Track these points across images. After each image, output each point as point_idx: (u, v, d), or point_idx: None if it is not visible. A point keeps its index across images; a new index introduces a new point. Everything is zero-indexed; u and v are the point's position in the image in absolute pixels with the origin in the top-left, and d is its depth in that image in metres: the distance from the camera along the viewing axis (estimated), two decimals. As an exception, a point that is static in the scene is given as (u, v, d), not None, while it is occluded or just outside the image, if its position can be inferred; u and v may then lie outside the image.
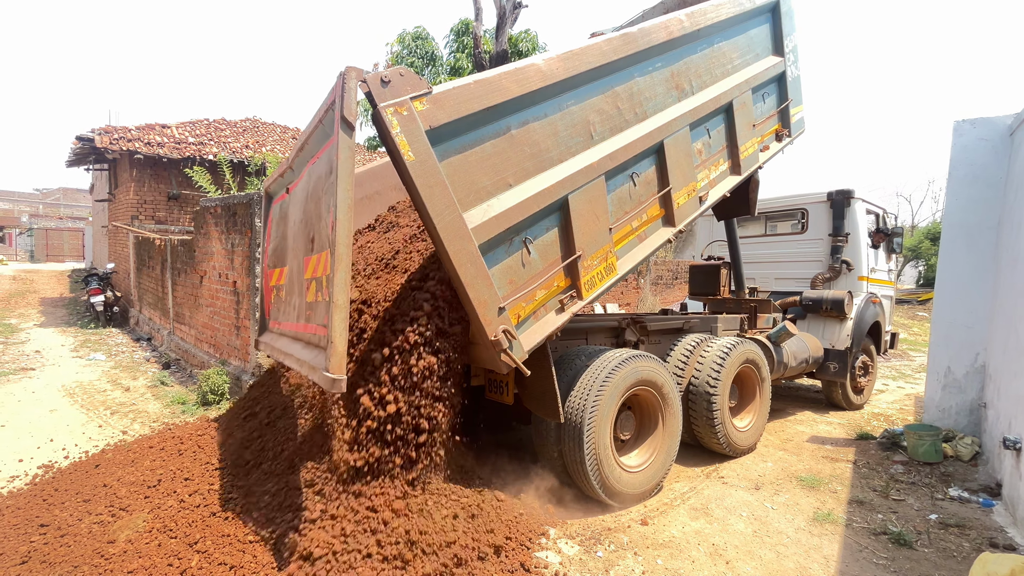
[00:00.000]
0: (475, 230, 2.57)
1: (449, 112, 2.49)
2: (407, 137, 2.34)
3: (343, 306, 2.27)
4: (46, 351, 8.33)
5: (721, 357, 4.23)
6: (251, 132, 15.50)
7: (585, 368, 3.33)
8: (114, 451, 4.04)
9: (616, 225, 3.34)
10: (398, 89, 2.34)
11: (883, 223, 6.94)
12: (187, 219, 12.78)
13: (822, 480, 4.12)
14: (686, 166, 3.87)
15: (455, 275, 2.54)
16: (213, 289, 6.52)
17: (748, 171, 4.59)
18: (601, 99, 3.24)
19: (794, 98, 5.13)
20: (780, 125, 5.08)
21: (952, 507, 3.73)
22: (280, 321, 3.56)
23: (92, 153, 12.81)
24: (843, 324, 6.01)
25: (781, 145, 5.06)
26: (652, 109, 3.59)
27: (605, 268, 3.25)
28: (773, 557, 2.99)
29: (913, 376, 8.82)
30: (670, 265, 14.14)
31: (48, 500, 3.26)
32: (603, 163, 3.18)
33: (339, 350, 2.26)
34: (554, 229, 3.02)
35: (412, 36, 11.34)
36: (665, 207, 3.75)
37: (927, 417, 5.24)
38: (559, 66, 2.92)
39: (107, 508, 3.10)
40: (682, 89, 3.84)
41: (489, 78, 2.64)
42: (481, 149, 2.66)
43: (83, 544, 2.73)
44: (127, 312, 11.70)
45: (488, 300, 2.62)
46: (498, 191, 2.73)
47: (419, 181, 2.38)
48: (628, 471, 3.43)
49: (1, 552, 2.72)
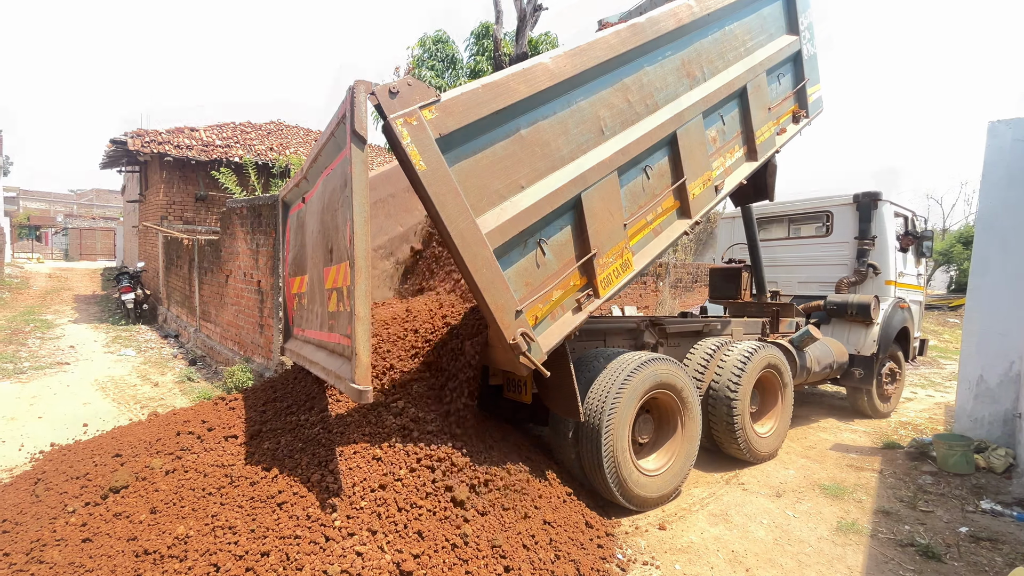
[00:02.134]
0: (489, 235, 2.58)
1: (458, 119, 2.49)
2: (418, 147, 2.35)
3: (365, 318, 2.31)
4: (80, 346, 8.64)
5: (742, 361, 4.17)
6: (275, 135, 15.84)
7: (604, 370, 3.32)
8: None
9: (630, 220, 3.30)
10: (407, 99, 2.35)
11: (912, 226, 6.75)
12: (214, 219, 13.12)
13: (846, 489, 4.02)
14: (700, 155, 3.78)
15: (471, 281, 2.55)
16: (238, 288, 6.68)
17: (765, 156, 4.46)
18: (611, 93, 3.19)
19: (811, 77, 4.96)
20: (797, 106, 4.91)
21: (984, 520, 3.60)
22: (304, 328, 3.63)
23: (124, 155, 13.26)
24: (869, 329, 5.86)
25: (799, 127, 4.90)
26: (663, 99, 3.52)
27: (621, 265, 3.22)
28: (794, 566, 2.94)
29: (943, 384, 8.54)
30: (689, 268, 13.96)
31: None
32: (615, 159, 3.14)
33: (363, 362, 2.30)
34: (568, 228, 3.01)
35: (433, 40, 11.44)
36: (680, 199, 3.68)
37: (958, 427, 5.08)
38: (567, 63, 2.89)
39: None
40: (694, 77, 3.75)
41: (497, 81, 2.64)
42: (492, 153, 2.66)
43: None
44: (156, 309, 12.06)
45: (505, 304, 2.63)
46: (511, 194, 2.73)
47: (431, 190, 2.39)
48: (646, 475, 3.41)
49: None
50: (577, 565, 2.61)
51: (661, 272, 12.84)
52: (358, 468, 2.60)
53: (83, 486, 2.95)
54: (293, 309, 4.08)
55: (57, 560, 2.31)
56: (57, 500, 2.85)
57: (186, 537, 2.35)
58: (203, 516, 2.49)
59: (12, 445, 4.30)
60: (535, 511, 2.82)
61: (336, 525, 2.31)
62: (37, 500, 2.89)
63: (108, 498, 2.76)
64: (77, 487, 2.95)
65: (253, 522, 2.39)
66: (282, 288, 4.63)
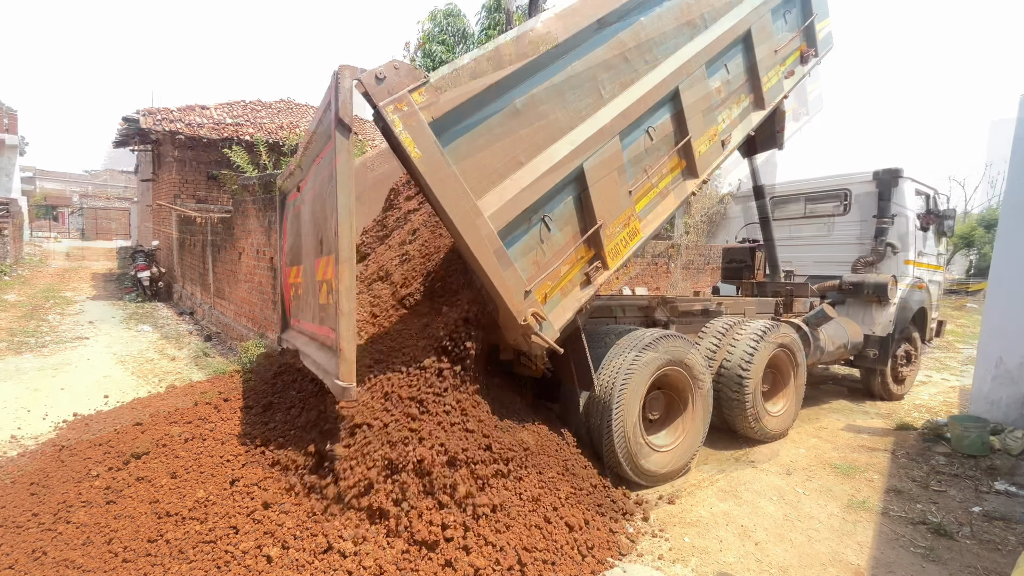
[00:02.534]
0: (492, 217, 2.50)
1: (451, 99, 2.38)
2: (411, 134, 2.25)
3: (349, 313, 2.24)
4: (98, 322, 8.82)
5: (755, 340, 4.13)
6: (286, 113, 15.76)
7: (616, 345, 3.31)
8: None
9: (635, 186, 3.20)
10: (395, 84, 2.24)
11: (934, 204, 6.57)
12: (226, 198, 13.18)
13: (858, 468, 4.01)
14: (705, 109, 3.60)
15: (477, 265, 2.49)
16: (251, 265, 6.74)
17: (773, 103, 4.24)
18: (607, 51, 3.00)
19: (819, 12, 4.65)
20: (805, 45, 4.61)
21: (997, 500, 3.58)
22: (299, 319, 3.61)
23: (137, 134, 13.30)
24: (885, 309, 5.77)
25: (808, 67, 4.62)
26: (663, 53, 3.31)
27: (628, 233, 3.15)
28: (804, 540, 2.95)
29: (958, 369, 8.42)
30: (701, 250, 13.78)
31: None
32: (616, 123, 3.00)
33: (348, 358, 2.24)
34: (572, 201, 2.92)
35: (444, 13, 11.25)
36: (686, 158, 3.53)
37: (974, 409, 5.01)
38: (558, 26, 2.73)
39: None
40: (694, 24, 3.51)
41: (486, 54, 2.51)
42: (488, 130, 2.56)
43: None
44: (171, 287, 12.24)
45: (514, 286, 2.57)
46: (510, 171, 2.64)
47: (429, 177, 2.31)
48: (656, 450, 3.42)
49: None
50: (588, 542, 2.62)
51: (673, 254, 12.69)
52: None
53: (106, 452, 3.05)
54: (290, 299, 4.01)
55: (84, 520, 2.39)
56: (81, 465, 2.94)
57: (206, 500, 2.41)
58: (222, 481, 2.56)
59: (37, 414, 4.43)
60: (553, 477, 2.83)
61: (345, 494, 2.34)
62: (62, 464, 2.99)
63: (130, 464, 2.85)
64: (100, 453, 3.04)
65: (268, 489, 2.45)
66: (279, 279, 4.61)
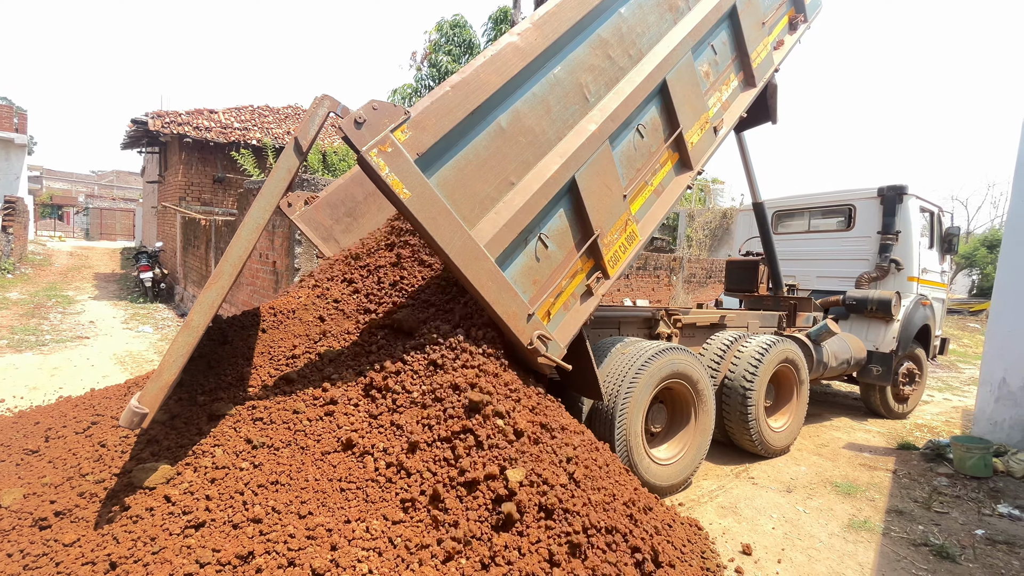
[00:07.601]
0: (488, 245, 2.45)
1: (434, 132, 2.33)
2: (398, 175, 2.21)
3: (194, 328, 2.06)
4: (99, 322, 8.83)
5: (759, 354, 4.11)
6: (292, 119, 15.91)
7: (621, 356, 3.31)
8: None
9: (630, 189, 3.12)
10: (375, 126, 2.20)
11: (938, 221, 6.58)
12: (231, 201, 13.26)
13: (859, 487, 3.96)
14: (694, 97, 3.47)
15: (478, 295, 2.45)
16: (254, 268, 6.75)
17: (764, 79, 4.08)
18: (589, 53, 2.90)
19: None
20: (793, 10, 4.39)
21: (1001, 524, 3.53)
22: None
23: (145, 136, 13.43)
24: (889, 326, 5.75)
25: (798, 34, 4.44)
26: (647, 44, 3.20)
27: (626, 238, 3.10)
28: (804, 560, 2.91)
29: (961, 389, 8.37)
30: (704, 263, 13.80)
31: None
32: (605, 127, 2.90)
33: (163, 379, 1.98)
34: (568, 214, 2.85)
35: (450, 24, 11.38)
36: (678, 150, 3.42)
37: (977, 430, 4.97)
38: (536, 36, 2.63)
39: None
40: (676, 8, 3.38)
41: (466, 79, 2.43)
42: (475, 155, 2.50)
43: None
44: (173, 289, 12.26)
45: (517, 311, 2.53)
46: (502, 194, 2.57)
47: (421, 216, 2.26)
48: (657, 463, 3.39)
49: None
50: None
51: (675, 267, 12.70)
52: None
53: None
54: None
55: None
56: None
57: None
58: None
59: (34, 413, 4.41)
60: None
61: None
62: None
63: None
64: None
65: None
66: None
